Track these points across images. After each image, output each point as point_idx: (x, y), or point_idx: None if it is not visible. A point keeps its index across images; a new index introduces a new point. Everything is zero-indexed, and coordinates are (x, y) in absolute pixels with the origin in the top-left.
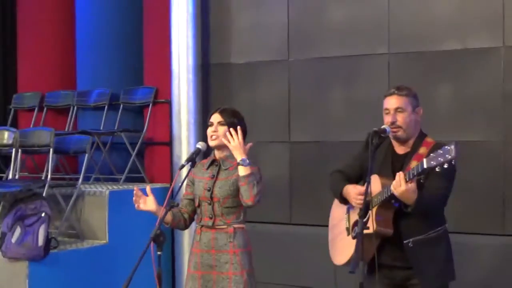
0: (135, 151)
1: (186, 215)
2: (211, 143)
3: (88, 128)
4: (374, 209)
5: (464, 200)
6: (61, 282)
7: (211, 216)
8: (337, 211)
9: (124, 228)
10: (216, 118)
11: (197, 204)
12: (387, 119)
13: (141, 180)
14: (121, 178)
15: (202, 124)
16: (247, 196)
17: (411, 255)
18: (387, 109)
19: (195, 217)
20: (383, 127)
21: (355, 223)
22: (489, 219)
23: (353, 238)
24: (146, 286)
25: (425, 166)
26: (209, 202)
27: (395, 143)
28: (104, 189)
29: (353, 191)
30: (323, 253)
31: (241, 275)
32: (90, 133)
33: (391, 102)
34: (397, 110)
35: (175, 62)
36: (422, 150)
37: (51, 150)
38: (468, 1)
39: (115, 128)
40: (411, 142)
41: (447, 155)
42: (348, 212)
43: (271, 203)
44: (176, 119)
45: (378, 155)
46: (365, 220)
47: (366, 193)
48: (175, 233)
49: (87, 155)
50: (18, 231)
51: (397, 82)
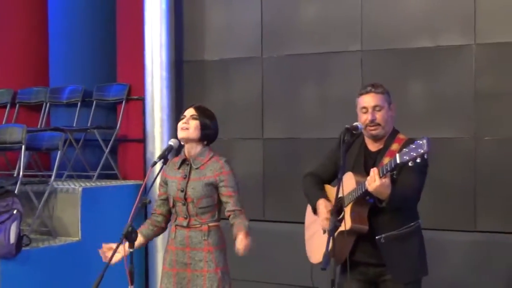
0: (108, 148)
1: (160, 218)
2: (180, 133)
3: (61, 125)
4: (349, 206)
5: (436, 196)
6: (34, 280)
7: (185, 216)
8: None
9: (97, 225)
10: (190, 112)
11: (171, 204)
12: (365, 117)
13: (114, 177)
14: (94, 175)
15: (176, 121)
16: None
17: (384, 251)
18: (364, 107)
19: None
20: (355, 124)
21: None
22: (460, 215)
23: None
24: (118, 283)
25: (398, 161)
26: (183, 202)
27: (368, 140)
28: (77, 186)
29: (323, 211)
30: (297, 250)
31: (216, 273)
32: (62, 129)
33: (368, 100)
34: (375, 108)
35: (148, 59)
36: (395, 147)
37: (23, 147)
38: None
39: (88, 124)
40: (383, 139)
41: (419, 149)
42: None
43: (244, 200)
44: (149, 116)
45: (351, 152)
46: (339, 217)
47: (338, 190)
48: None
49: (59, 152)
50: None
51: (370, 79)
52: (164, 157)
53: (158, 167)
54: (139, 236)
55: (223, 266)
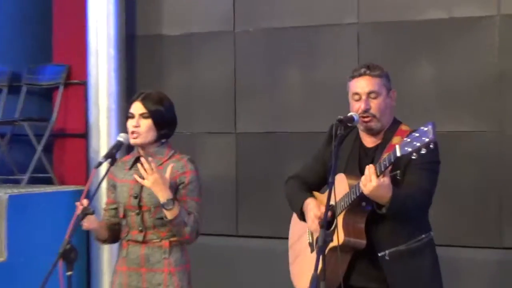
0: (42, 145)
1: (116, 227)
2: (133, 141)
3: None
4: (341, 215)
5: (451, 204)
6: None
7: (140, 229)
8: (297, 225)
9: (27, 242)
10: (137, 108)
11: (121, 214)
12: (358, 105)
13: (48, 182)
14: (23, 179)
15: (126, 111)
16: (180, 235)
17: (388, 271)
18: (357, 93)
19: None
20: (350, 114)
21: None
22: (482, 228)
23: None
24: None
25: (398, 154)
26: (137, 211)
27: (364, 134)
28: (2, 193)
29: (312, 211)
30: (278, 272)
31: None
32: None
33: (362, 85)
34: (369, 94)
35: (92, 34)
36: (396, 140)
37: None
38: None
39: (16, 116)
40: (382, 132)
41: (423, 138)
42: None
43: (213, 210)
44: (93, 104)
45: (343, 149)
46: (330, 230)
47: (329, 197)
48: (91, 248)
49: None
50: None
51: (368, 59)
52: (112, 155)
53: (104, 168)
54: (104, 224)
55: None
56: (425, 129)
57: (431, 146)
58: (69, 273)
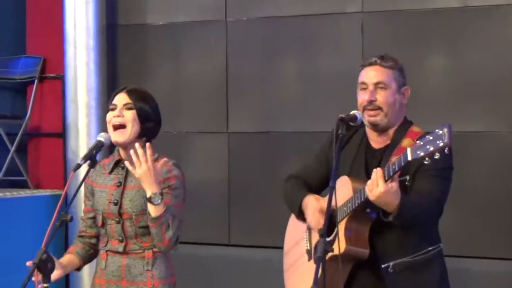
0: (15, 145)
1: (94, 240)
2: (115, 137)
3: None
4: (343, 222)
5: (462, 212)
6: None
7: (121, 238)
8: (294, 230)
9: None
10: (121, 99)
11: (100, 223)
12: (363, 96)
13: (23, 185)
14: None
15: (107, 108)
16: (159, 239)
17: (391, 284)
18: (364, 83)
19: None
20: (352, 113)
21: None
22: (497, 238)
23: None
24: None
25: (409, 158)
26: (117, 220)
27: (371, 134)
28: None
29: (313, 204)
30: (272, 283)
31: None
32: None
33: (370, 75)
34: (377, 85)
35: (69, 23)
36: (407, 142)
37: None
38: None
39: None
40: (391, 132)
41: (438, 142)
42: (309, 229)
43: (203, 217)
44: (71, 101)
45: (348, 150)
46: (330, 238)
47: (330, 201)
48: None
49: None
50: None
51: (373, 51)
52: (92, 157)
53: (83, 171)
54: (73, 256)
55: None
56: (440, 132)
57: (445, 151)
58: (45, 285)
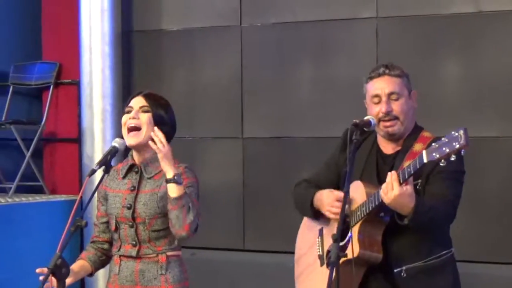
0: (31, 150)
1: (106, 246)
2: (130, 139)
3: None
4: (357, 226)
5: (474, 217)
6: None
7: (134, 242)
8: (306, 236)
9: (14, 257)
10: (137, 102)
11: (113, 227)
12: (378, 108)
13: (38, 191)
14: (10, 188)
15: (122, 113)
16: (180, 224)
17: None
18: (376, 96)
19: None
20: (366, 118)
21: (331, 248)
22: (509, 242)
23: (328, 267)
24: None
25: (425, 160)
26: (130, 224)
27: (381, 140)
28: None
29: (328, 196)
30: None
31: None
32: None
33: (381, 86)
34: (390, 96)
35: (85, 29)
36: (418, 147)
37: None
38: None
39: (3, 118)
40: (402, 138)
41: (454, 143)
42: (321, 234)
43: (218, 222)
44: (86, 106)
45: (359, 156)
46: (344, 242)
47: (344, 206)
48: None
49: None
50: None
51: (387, 57)
52: (106, 163)
53: (98, 176)
54: (85, 262)
55: None
56: (456, 134)
57: (462, 153)
58: None
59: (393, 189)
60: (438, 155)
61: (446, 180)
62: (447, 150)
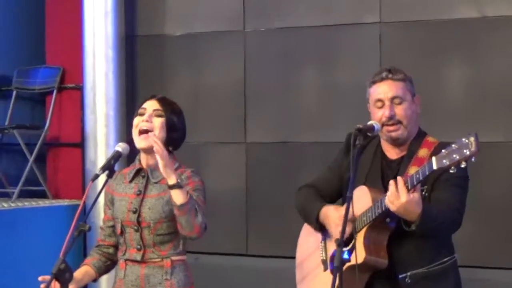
0: (34, 155)
1: (112, 250)
2: (140, 143)
3: None
4: (363, 232)
5: (477, 222)
6: None
7: (139, 247)
8: (308, 240)
9: (18, 262)
10: (151, 105)
11: (119, 231)
12: (381, 113)
13: (41, 195)
14: (14, 193)
15: (126, 118)
16: (191, 228)
17: None
18: (379, 100)
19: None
20: (370, 122)
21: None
22: None
23: (332, 273)
24: None
25: (435, 167)
26: (135, 228)
27: (386, 145)
28: None
29: (334, 214)
30: None
31: None
32: None
33: (384, 90)
34: (393, 100)
35: (88, 33)
36: (423, 153)
37: None
38: None
39: (6, 123)
40: (407, 143)
41: (465, 150)
42: (324, 239)
43: (221, 227)
44: (90, 111)
45: (363, 161)
46: (348, 248)
47: (347, 212)
48: None
49: None
50: None
51: (390, 61)
52: (110, 167)
53: (101, 181)
54: (89, 268)
55: None
56: (466, 140)
57: (472, 159)
58: None
59: (400, 197)
60: (448, 162)
61: (452, 186)
62: (457, 157)
